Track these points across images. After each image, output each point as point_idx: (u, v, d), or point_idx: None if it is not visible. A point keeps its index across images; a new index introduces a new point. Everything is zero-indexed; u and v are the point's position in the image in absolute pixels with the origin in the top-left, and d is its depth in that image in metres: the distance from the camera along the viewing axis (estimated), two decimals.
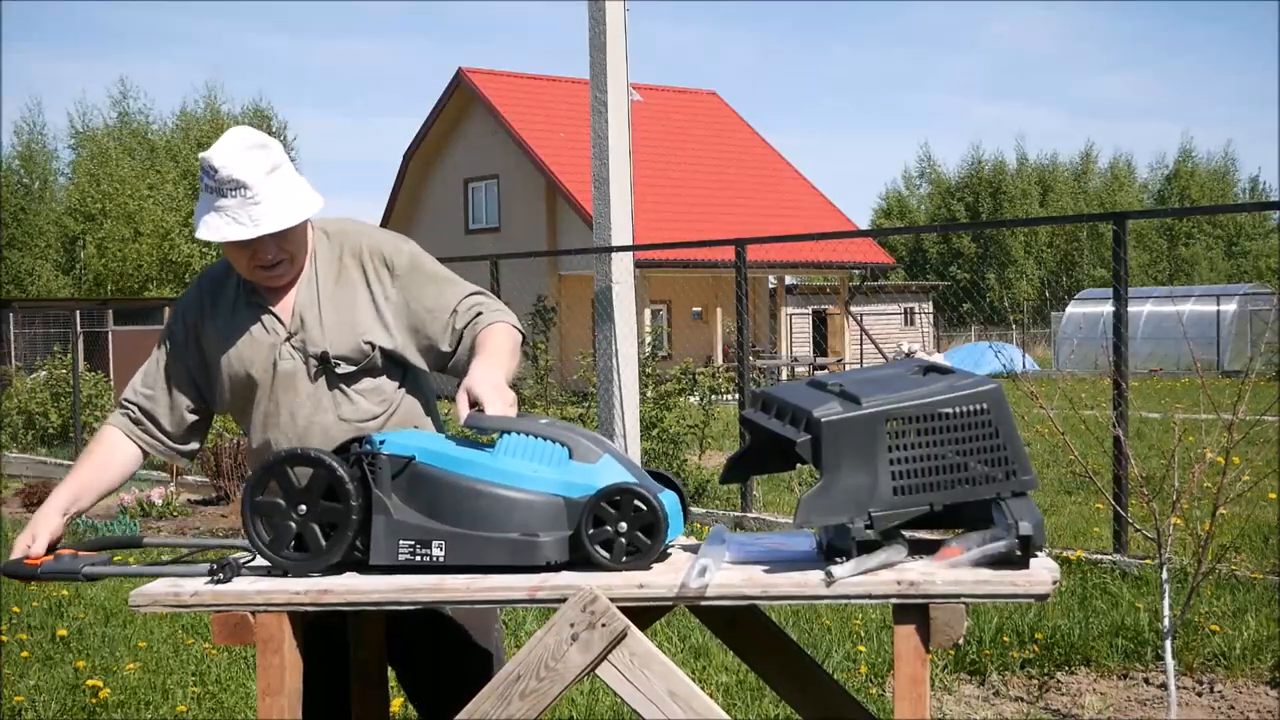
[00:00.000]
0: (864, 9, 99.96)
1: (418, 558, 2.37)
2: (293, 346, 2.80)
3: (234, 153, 2.67)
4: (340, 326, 2.79)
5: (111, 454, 2.86)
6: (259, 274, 2.77)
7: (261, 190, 2.66)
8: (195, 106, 43.28)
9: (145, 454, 2.90)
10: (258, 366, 2.81)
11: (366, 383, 2.82)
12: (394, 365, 2.85)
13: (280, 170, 2.71)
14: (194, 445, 2.95)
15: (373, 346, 2.79)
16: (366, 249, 2.85)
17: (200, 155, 2.70)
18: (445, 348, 2.82)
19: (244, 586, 2.35)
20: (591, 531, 2.32)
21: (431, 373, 2.95)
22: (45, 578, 2.54)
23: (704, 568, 2.22)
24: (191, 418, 2.90)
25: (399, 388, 2.87)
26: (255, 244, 2.70)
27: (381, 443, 2.43)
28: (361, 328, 2.79)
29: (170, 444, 2.90)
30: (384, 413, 2.83)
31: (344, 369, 2.79)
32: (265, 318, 2.82)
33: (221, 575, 2.35)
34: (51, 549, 2.64)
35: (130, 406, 2.89)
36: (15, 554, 2.62)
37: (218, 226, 2.66)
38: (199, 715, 4.86)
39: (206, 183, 2.68)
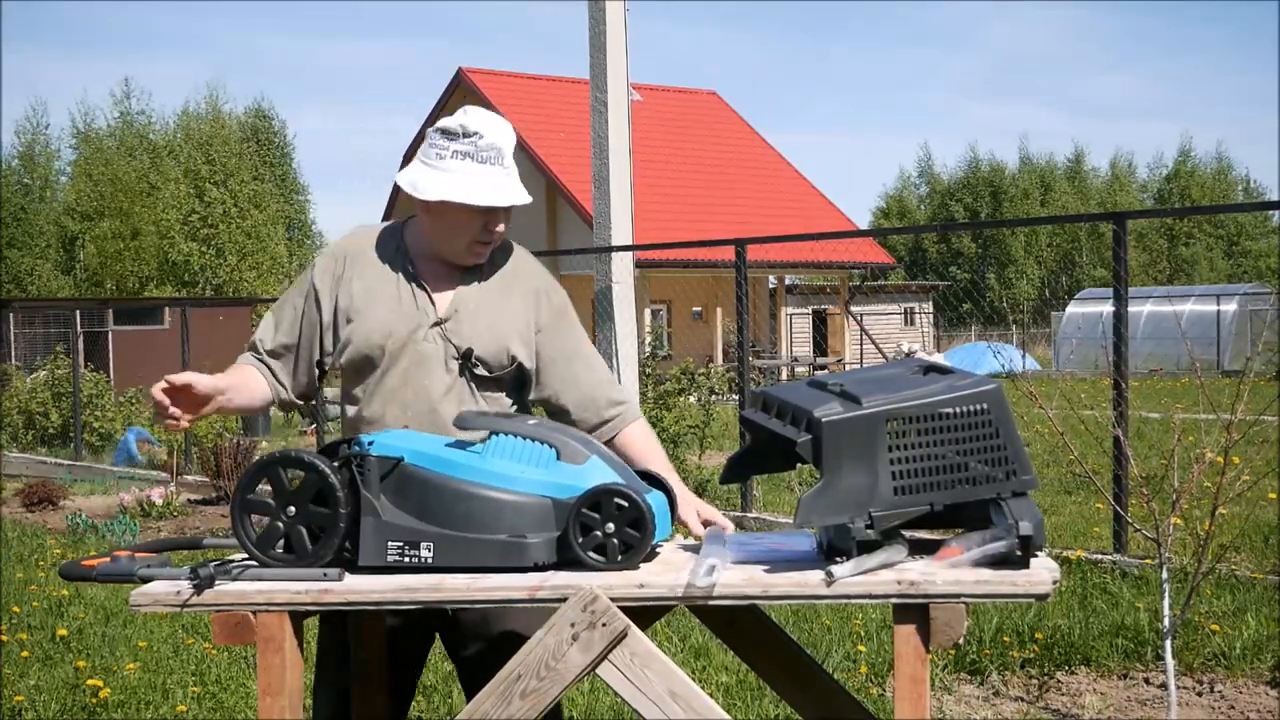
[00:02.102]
0: (864, 9, 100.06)
1: (406, 559, 2.37)
2: (439, 333, 2.82)
3: (492, 124, 2.74)
4: (491, 331, 2.82)
5: (253, 376, 2.86)
6: (475, 249, 2.81)
7: (511, 165, 2.76)
8: (197, 106, 43.30)
9: (271, 396, 2.89)
10: (396, 338, 2.80)
11: (492, 392, 2.85)
12: (516, 387, 2.90)
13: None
14: (305, 397, 2.95)
15: (513, 361, 2.84)
16: (534, 273, 2.93)
17: (451, 120, 2.74)
18: (575, 418, 2.86)
19: (244, 586, 2.34)
20: (580, 535, 2.33)
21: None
22: (100, 579, 2.49)
23: (712, 566, 2.22)
24: (313, 369, 2.89)
25: (512, 406, 2.91)
26: (494, 215, 2.76)
27: (370, 444, 2.43)
28: (509, 340, 2.83)
29: (290, 395, 2.90)
30: None
31: (480, 371, 2.82)
32: (419, 294, 2.83)
33: (199, 583, 2.33)
34: (177, 401, 2.60)
35: (260, 352, 2.87)
36: (156, 391, 2.57)
37: (472, 189, 2.70)
38: (199, 715, 4.86)
39: (455, 148, 2.72)
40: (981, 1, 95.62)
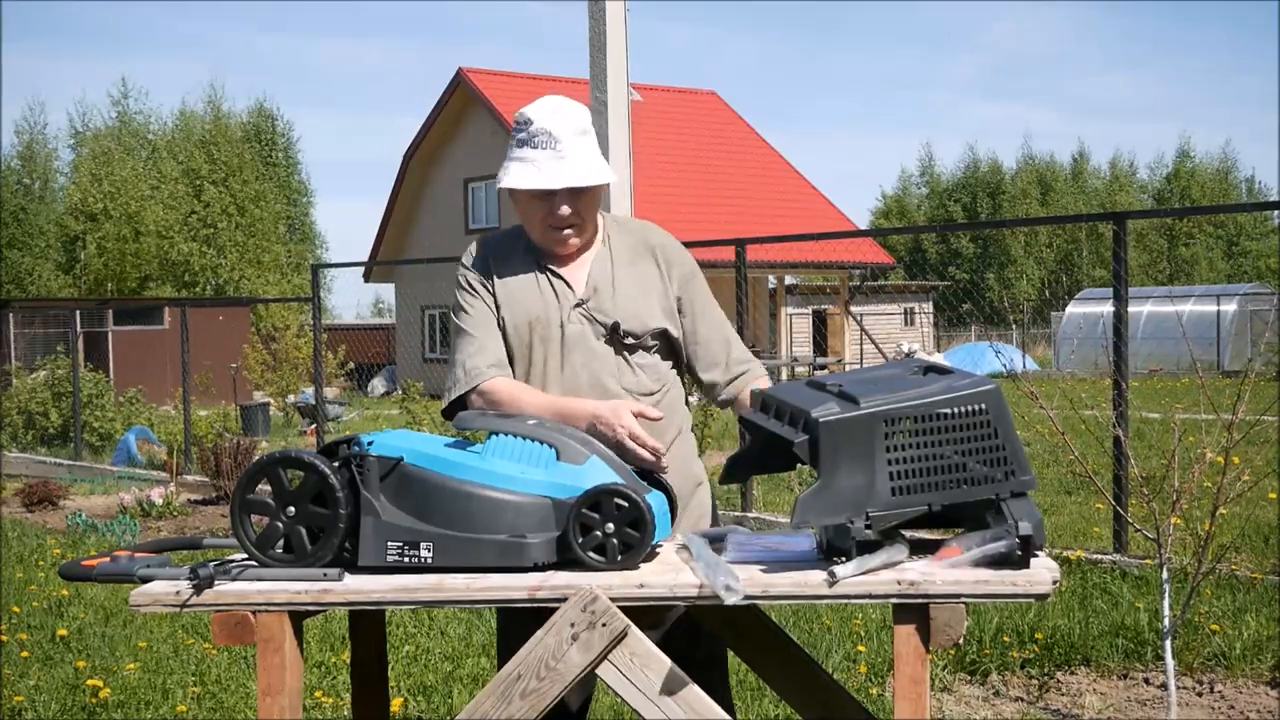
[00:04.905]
0: (864, 9, 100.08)
1: (406, 559, 2.38)
2: (582, 313, 2.87)
3: (549, 109, 2.80)
4: (632, 304, 2.89)
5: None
6: (550, 235, 2.85)
7: (569, 147, 2.78)
8: (197, 106, 43.27)
9: None
10: (544, 322, 2.86)
11: (644, 358, 2.91)
12: (669, 350, 2.96)
13: (588, 136, 2.83)
14: None
15: (659, 329, 2.90)
16: (659, 245, 3.00)
17: (517, 111, 2.81)
18: (704, 376, 2.98)
19: (244, 586, 2.34)
20: (580, 535, 2.34)
21: None
22: (100, 579, 2.49)
23: (728, 578, 2.19)
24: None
25: (672, 368, 2.98)
26: (553, 199, 2.79)
27: (370, 444, 2.44)
28: (649, 310, 2.90)
29: None
30: (659, 390, 2.91)
31: (630, 341, 2.88)
32: (555, 281, 2.89)
33: (199, 583, 2.33)
34: None
35: (499, 367, 2.86)
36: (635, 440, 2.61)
37: (520, 175, 2.77)
38: (199, 715, 4.86)
39: (518, 136, 2.80)
40: (981, 1, 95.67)
